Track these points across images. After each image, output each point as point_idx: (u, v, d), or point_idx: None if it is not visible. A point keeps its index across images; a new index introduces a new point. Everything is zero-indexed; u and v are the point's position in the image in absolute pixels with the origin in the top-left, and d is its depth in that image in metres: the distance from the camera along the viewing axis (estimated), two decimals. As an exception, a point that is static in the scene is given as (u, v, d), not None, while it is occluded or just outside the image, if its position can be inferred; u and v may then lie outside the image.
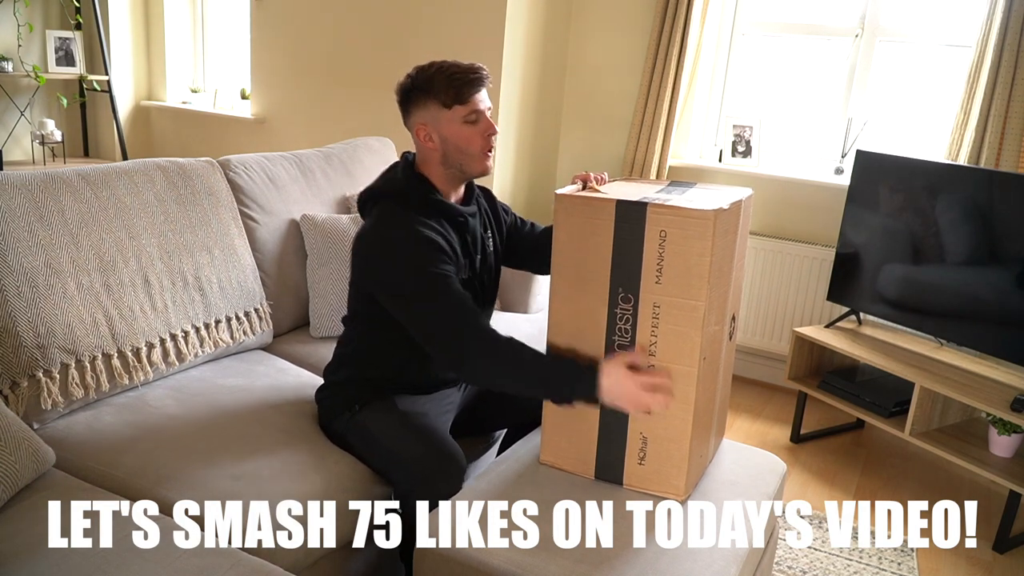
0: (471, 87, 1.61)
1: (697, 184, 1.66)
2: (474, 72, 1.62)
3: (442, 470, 1.59)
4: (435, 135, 1.64)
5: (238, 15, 4.32)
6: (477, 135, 1.64)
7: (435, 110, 1.63)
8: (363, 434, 1.70)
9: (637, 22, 3.44)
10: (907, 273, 2.71)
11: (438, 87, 1.61)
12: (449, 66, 1.62)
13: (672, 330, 1.44)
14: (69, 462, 1.57)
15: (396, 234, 1.59)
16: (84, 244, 1.76)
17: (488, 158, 1.67)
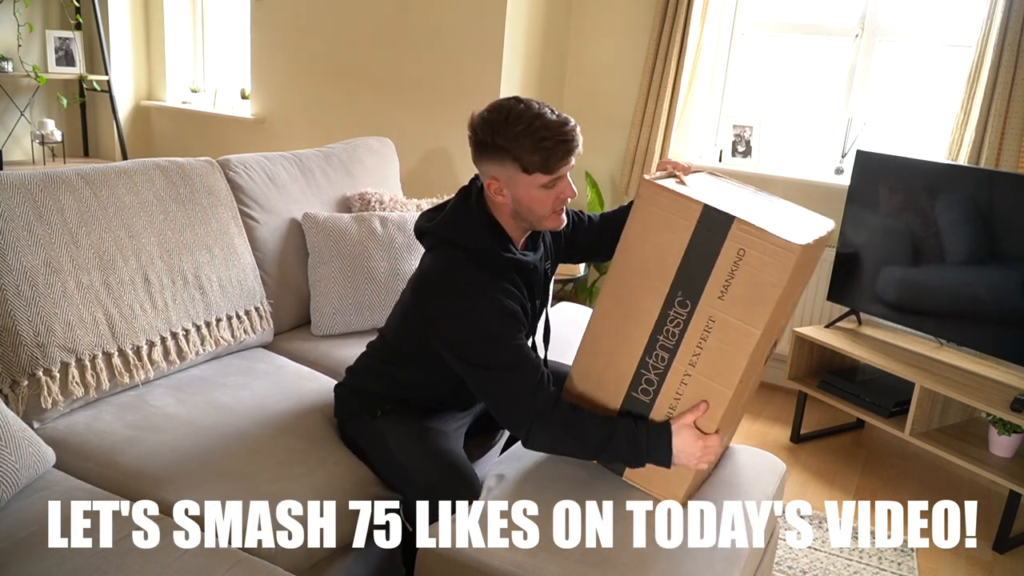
0: (562, 159, 1.47)
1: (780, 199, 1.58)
2: (566, 140, 1.45)
3: (455, 496, 1.55)
4: (507, 192, 1.51)
5: (238, 15, 4.32)
6: (551, 198, 1.51)
7: (513, 171, 1.48)
8: (379, 443, 1.67)
9: (637, 22, 3.44)
10: (907, 273, 2.71)
11: (522, 150, 1.45)
12: (538, 126, 1.43)
13: (720, 348, 1.40)
14: (69, 462, 1.57)
15: (474, 303, 1.49)
16: (84, 243, 1.76)
17: (559, 217, 1.56)
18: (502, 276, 1.54)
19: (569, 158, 1.48)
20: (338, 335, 2.30)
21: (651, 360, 1.46)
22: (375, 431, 1.68)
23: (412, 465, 1.61)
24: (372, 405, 1.71)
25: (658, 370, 1.46)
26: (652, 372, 1.47)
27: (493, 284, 1.51)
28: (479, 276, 1.52)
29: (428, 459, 1.61)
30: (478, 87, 3.26)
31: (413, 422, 1.68)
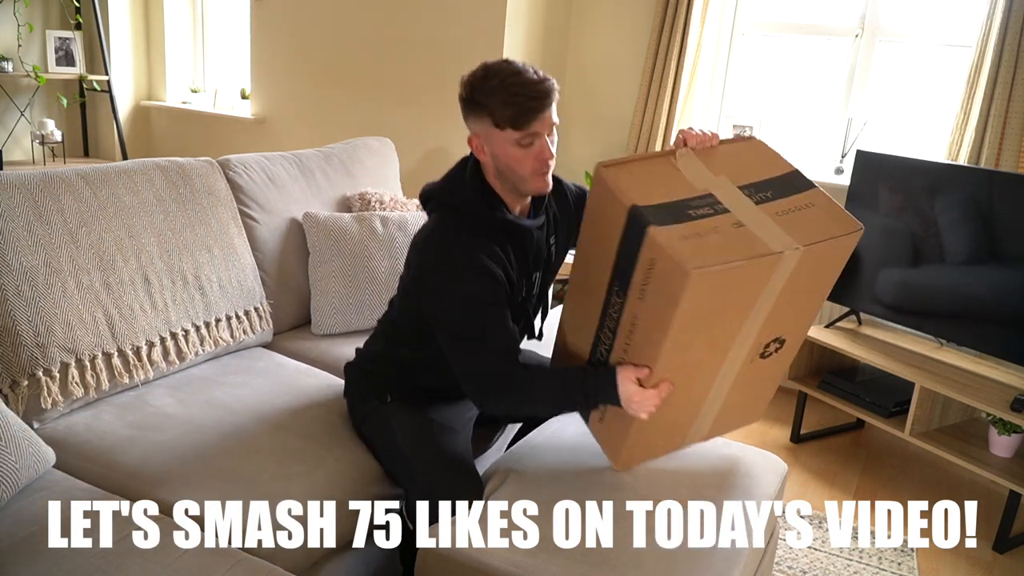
0: (530, 113, 1.46)
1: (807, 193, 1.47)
2: (537, 95, 1.46)
3: (456, 497, 1.55)
4: (487, 149, 1.54)
5: (238, 15, 4.32)
6: (529, 158, 1.51)
7: (488, 127, 1.51)
8: (387, 432, 1.68)
9: (637, 22, 3.44)
10: (907, 273, 2.71)
11: (494, 105, 1.47)
12: (512, 83, 1.46)
13: (643, 347, 1.43)
14: (69, 462, 1.57)
15: (452, 259, 1.51)
16: (84, 243, 1.76)
17: (542, 179, 1.54)
18: (488, 236, 1.54)
19: (538, 116, 1.48)
20: (338, 334, 2.30)
21: (602, 339, 1.52)
22: (383, 418, 1.69)
23: (416, 462, 1.61)
24: (381, 389, 1.72)
25: (606, 347, 1.51)
26: (603, 348, 1.53)
27: (474, 243, 1.52)
28: (462, 235, 1.53)
29: (433, 457, 1.61)
30: (478, 87, 3.26)
31: (421, 414, 1.68)
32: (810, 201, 1.45)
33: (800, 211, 1.43)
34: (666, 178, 1.45)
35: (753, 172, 1.46)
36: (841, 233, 1.44)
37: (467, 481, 1.59)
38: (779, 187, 1.45)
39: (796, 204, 1.44)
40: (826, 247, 1.42)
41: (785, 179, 1.47)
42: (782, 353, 1.58)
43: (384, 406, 1.70)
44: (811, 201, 1.45)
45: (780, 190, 1.45)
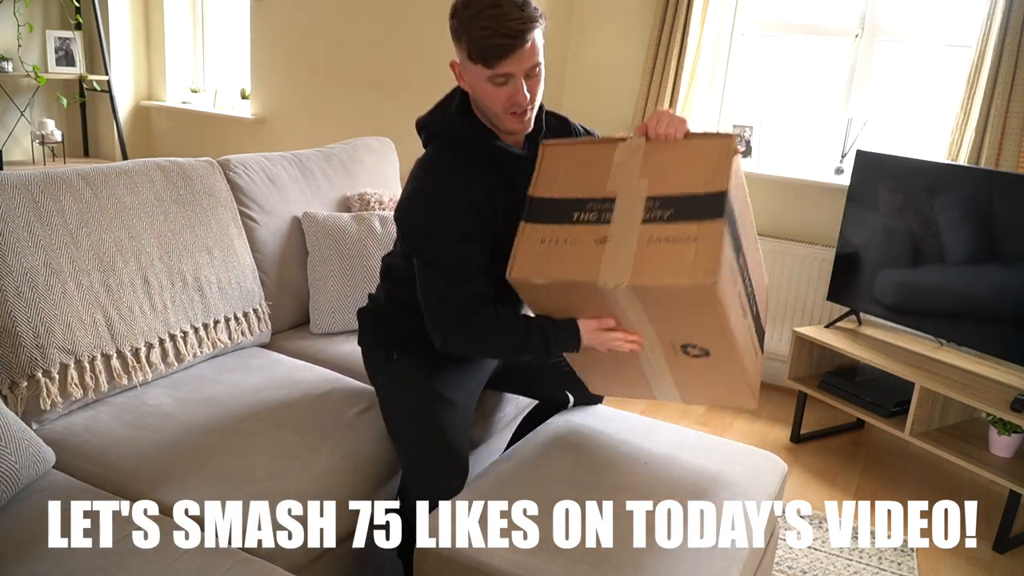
0: (500, 51, 1.38)
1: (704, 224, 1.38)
2: (509, 34, 1.37)
3: (445, 470, 1.59)
4: (465, 79, 1.49)
5: (238, 15, 4.32)
6: (502, 97, 1.45)
7: (463, 56, 1.45)
8: (391, 397, 1.70)
9: (637, 22, 3.44)
10: (907, 273, 2.71)
11: (468, 36, 1.40)
12: (487, 14, 1.37)
13: None
14: (69, 462, 1.57)
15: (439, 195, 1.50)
16: (83, 244, 1.76)
17: (517, 119, 1.48)
18: (478, 167, 1.52)
19: (510, 55, 1.39)
20: (337, 333, 2.31)
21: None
22: (390, 379, 1.70)
23: (409, 435, 1.64)
24: (388, 341, 1.72)
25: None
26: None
27: (463, 174, 1.51)
28: (447, 164, 1.53)
29: (424, 434, 1.62)
30: (478, 87, 3.26)
31: (425, 382, 1.67)
32: (697, 235, 1.37)
33: (675, 243, 1.38)
34: (589, 169, 1.47)
35: (676, 182, 1.42)
36: (684, 283, 1.35)
37: (450, 463, 1.60)
38: (684, 208, 1.40)
39: (681, 234, 1.38)
40: (661, 292, 1.38)
41: (699, 200, 1.39)
42: (718, 359, 1.53)
43: (392, 363, 1.70)
44: (698, 235, 1.37)
45: (682, 211, 1.40)
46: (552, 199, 1.46)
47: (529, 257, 1.44)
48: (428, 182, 1.53)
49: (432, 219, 1.51)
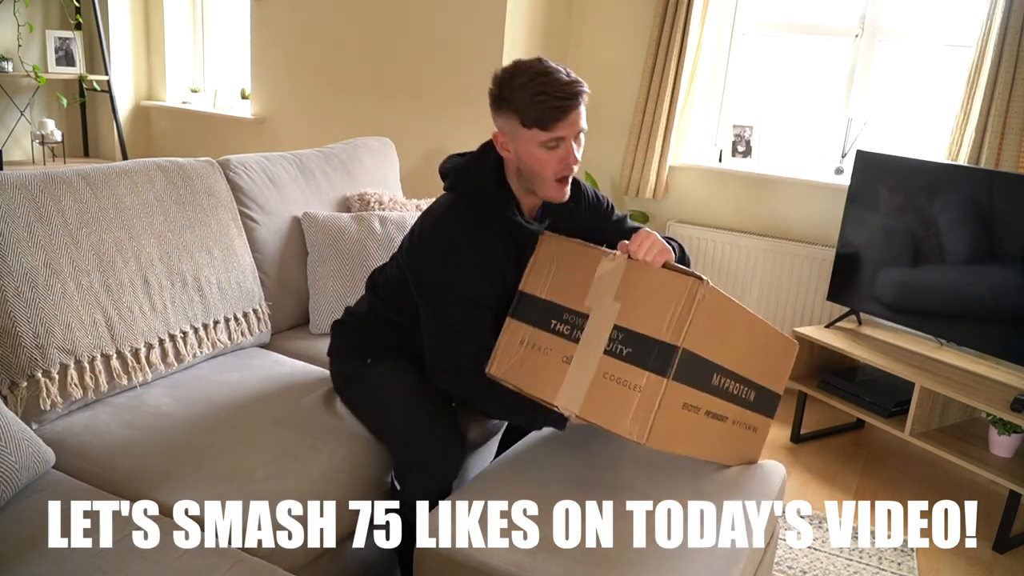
0: (556, 113, 1.44)
1: (650, 377, 1.40)
2: (565, 97, 1.44)
3: (439, 453, 1.61)
4: (511, 147, 1.53)
5: (238, 15, 4.31)
6: (553, 162, 1.49)
7: (514, 124, 1.49)
8: (372, 391, 1.70)
9: (637, 22, 3.44)
10: (907, 273, 2.71)
11: (521, 103, 1.45)
12: (540, 81, 1.43)
13: None
14: (69, 462, 1.57)
15: (453, 255, 1.54)
16: (83, 244, 1.76)
17: (562, 187, 1.54)
18: (493, 234, 1.56)
19: (565, 117, 1.45)
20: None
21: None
22: (366, 379, 1.72)
23: (400, 417, 1.65)
24: (364, 349, 1.74)
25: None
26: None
27: (479, 239, 1.54)
28: (468, 225, 1.55)
29: (416, 410, 1.64)
30: (478, 87, 3.26)
31: (407, 373, 1.69)
32: (643, 386, 1.40)
33: (624, 387, 1.42)
34: (575, 275, 1.52)
35: (643, 318, 1.42)
36: (620, 432, 1.41)
37: (450, 438, 1.62)
38: (641, 351, 1.41)
39: (631, 378, 1.41)
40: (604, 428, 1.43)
41: (655, 347, 1.40)
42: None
43: (366, 367, 1.72)
44: (643, 387, 1.40)
45: (638, 354, 1.41)
46: (537, 298, 1.54)
47: (507, 357, 1.56)
48: (452, 248, 1.55)
49: (450, 279, 1.55)
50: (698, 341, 1.41)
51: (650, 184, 3.40)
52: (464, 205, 1.58)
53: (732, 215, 3.43)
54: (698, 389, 1.47)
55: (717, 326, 1.46)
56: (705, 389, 1.49)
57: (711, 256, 3.43)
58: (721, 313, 1.46)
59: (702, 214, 3.49)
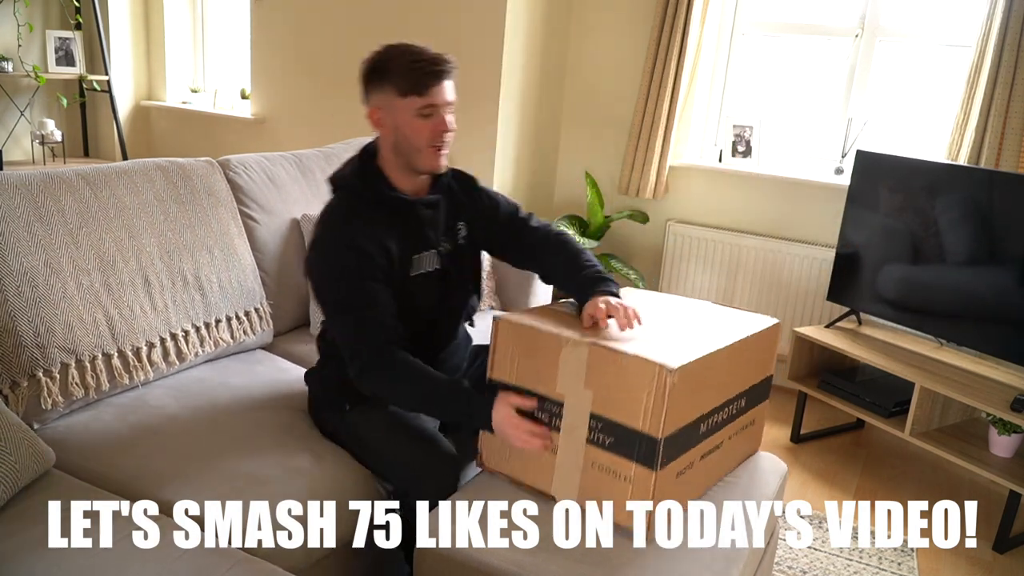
0: (430, 78, 1.53)
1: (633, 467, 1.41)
2: (436, 63, 1.54)
3: (434, 469, 1.60)
4: (388, 121, 1.59)
5: (238, 15, 4.32)
6: (428, 129, 1.56)
7: (390, 96, 1.55)
8: (354, 436, 1.70)
9: (637, 22, 3.44)
10: (907, 273, 2.71)
11: (397, 72, 1.53)
12: (412, 51, 1.54)
13: None
14: (69, 462, 1.57)
15: (327, 232, 1.59)
16: (84, 244, 1.76)
17: (438, 155, 1.60)
18: (370, 213, 1.59)
19: (440, 82, 1.55)
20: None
21: None
22: (348, 425, 1.71)
23: (386, 448, 1.65)
24: (337, 397, 1.73)
25: None
26: None
27: (349, 218, 1.58)
28: (340, 209, 1.61)
29: (399, 437, 1.64)
30: (478, 87, 3.26)
31: (381, 409, 1.69)
32: (632, 478, 1.41)
33: (614, 477, 1.43)
34: (540, 360, 1.49)
35: (617, 407, 1.41)
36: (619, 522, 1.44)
37: (441, 451, 1.62)
38: (622, 441, 1.41)
39: (618, 468, 1.42)
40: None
41: (635, 438, 1.39)
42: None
43: (345, 415, 1.71)
44: (633, 478, 1.41)
45: (620, 444, 1.41)
46: (509, 385, 1.53)
47: (495, 448, 1.58)
48: (324, 230, 1.61)
49: (329, 263, 1.57)
50: (678, 416, 1.40)
51: (650, 184, 3.40)
52: (337, 199, 1.65)
53: (732, 215, 3.43)
54: (688, 450, 1.48)
55: (696, 387, 1.44)
56: (694, 444, 1.50)
57: (711, 256, 3.43)
58: (697, 375, 1.42)
59: (702, 214, 3.49)
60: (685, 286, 3.50)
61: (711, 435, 1.55)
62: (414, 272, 1.65)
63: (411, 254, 1.64)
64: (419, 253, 1.66)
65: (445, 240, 1.71)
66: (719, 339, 1.52)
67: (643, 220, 3.48)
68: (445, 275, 1.71)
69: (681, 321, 1.63)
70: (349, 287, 1.55)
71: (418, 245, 1.66)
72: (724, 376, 1.55)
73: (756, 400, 1.73)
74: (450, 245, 1.72)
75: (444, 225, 1.71)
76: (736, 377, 1.61)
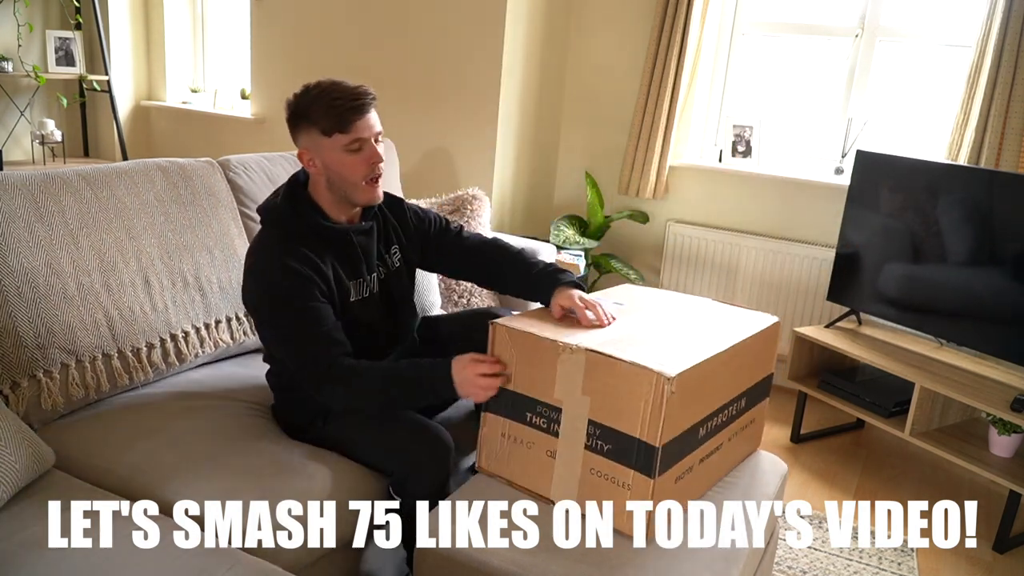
0: (352, 114, 1.53)
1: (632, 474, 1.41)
2: (356, 97, 1.54)
3: (429, 446, 1.60)
4: (318, 160, 1.58)
5: (238, 15, 4.32)
6: (360, 164, 1.57)
7: (316, 136, 1.56)
8: (339, 441, 1.69)
9: (637, 22, 3.44)
10: (907, 273, 2.71)
11: (317, 114, 1.54)
12: (330, 90, 1.55)
13: None
14: (69, 462, 1.57)
15: (260, 262, 1.58)
16: (84, 244, 1.76)
17: (374, 187, 1.60)
18: (299, 241, 1.58)
19: (361, 114, 1.54)
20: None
21: None
22: (330, 435, 1.69)
23: (376, 439, 1.64)
24: (311, 421, 1.71)
25: None
26: None
27: (282, 246, 1.57)
28: (271, 239, 1.60)
29: (386, 426, 1.63)
30: (478, 87, 3.26)
31: (362, 417, 1.68)
32: (631, 484, 1.41)
33: (613, 483, 1.43)
34: (538, 367, 1.49)
35: (615, 414, 1.41)
36: (619, 527, 1.45)
37: (432, 432, 1.61)
38: (620, 448, 1.41)
39: (617, 474, 1.42)
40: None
41: (634, 445, 1.39)
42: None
43: (325, 427, 1.70)
44: (632, 485, 1.41)
45: (619, 451, 1.41)
46: (507, 390, 1.53)
47: (493, 451, 1.58)
48: (257, 260, 1.60)
49: (269, 292, 1.56)
50: (677, 423, 1.40)
51: (650, 184, 3.40)
52: (267, 230, 1.64)
53: (732, 215, 3.43)
54: (687, 455, 1.48)
55: (695, 393, 1.43)
56: (694, 448, 1.50)
57: (711, 256, 3.43)
58: (695, 381, 1.42)
59: (702, 214, 3.49)
60: (685, 286, 3.50)
61: (710, 438, 1.55)
62: (353, 297, 1.67)
63: (348, 279, 1.66)
64: (355, 279, 1.67)
65: (380, 265, 1.74)
66: (718, 342, 1.52)
67: (643, 220, 3.49)
68: (385, 298, 1.74)
69: (680, 322, 1.63)
70: (293, 312, 1.55)
71: (353, 272, 1.67)
72: (724, 379, 1.55)
73: (756, 399, 1.73)
74: (385, 270, 1.75)
75: (377, 251, 1.73)
76: (736, 379, 1.60)
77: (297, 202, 1.63)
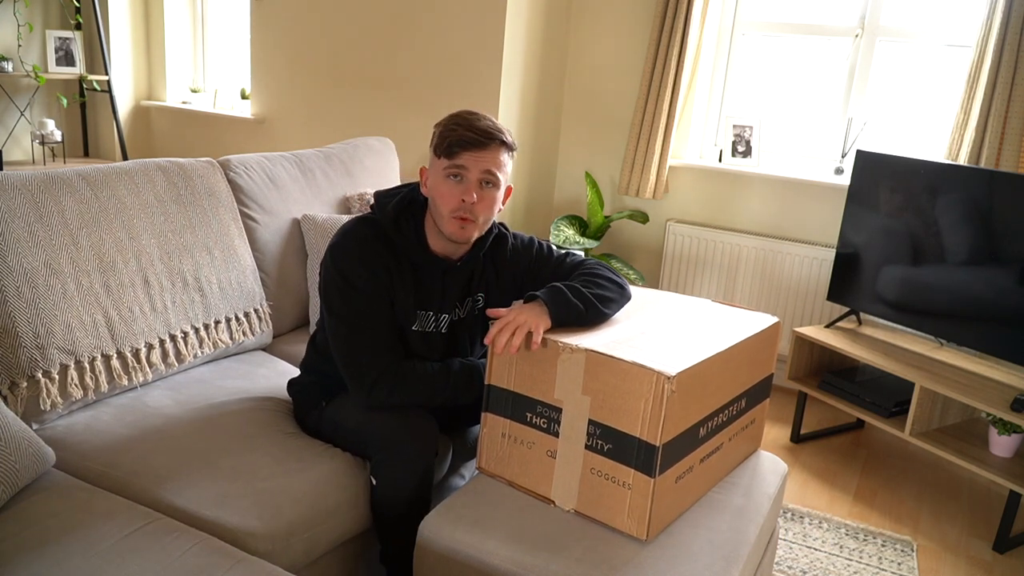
0: (462, 145, 1.50)
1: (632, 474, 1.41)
2: (475, 131, 1.51)
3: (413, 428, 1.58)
4: (428, 179, 1.59)
5: (238, 15, 4.32)
6: (452, 195, 1.52)
7: (432, 157, 1.57)
8: (332, 424, 1.71)
9: (637, 22, 3.44)
10: (907, 273, 2.71)
11: (439, 133, 1.55)
12: (459, 116, 1.54)
13: None
14: (69, 462, 1.57)
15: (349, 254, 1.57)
16: (84, 244, 1.76)
17: (459, 224, 1.54)
18: (389, 252, 1.58)
19: (470, 150, 1.50)
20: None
21: None
22: (326, 418, 1.71)
23: (361, 422, 1.63)
24: (316, 396, 1.74)
25: None
26: None
27: (375, 248, 1.57)
28: (370, 231, 1.59)
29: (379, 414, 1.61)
30: (478, 87, 3.26)
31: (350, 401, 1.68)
32: (632, 484, 1.40)
33: (613, 483, 1.43)
34: (538, 367, 1.49)
35: (615, 414, 1.41)
36: (619, 527, 1.44)
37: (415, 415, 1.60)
38: (621, 448, 1.41)
39: (617, 474, 1.42)
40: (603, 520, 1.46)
41: (635, 445, 1.39)
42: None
43: (324, 411, 1.72)
44: (632, 485, 1.40)
45: (619, 451, 1.41)
46: (507, 391, 1.54)
47: (494, 451, 1.58)
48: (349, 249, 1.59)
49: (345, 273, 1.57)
50: (677, 423, 1.40)
51: (650, 184, 3.40)
52: (372, 220, 1.62)
53: (732, 215, 3.43)
54: (688, 455, 1.47)
55: (695, 392, 1.43)
56: (694, 448, 1.49)
57: (711, 256, 3.43)
58: (695, 381, 1.42)
59: (702, 214, 3.49)
60: (685, 286, 3.50)
61: (711, 438, 1.55)
62: (415, 327, 1.64)
63: (415, 308, 1.63)
64: (423, 310, 1.64)
65: (458, 307, 1.70)
66: (718, 342, 1.52)
67: (643, 220, 3.49)
68: (451, 340, 1.70)
69: (680, 322, 1.63)
70: (362, 306, 1.55)
71: (424, 303, 1.64)
72: (724, 379, 1.55)
73: (757, 399, 1.73)
74: (463, 313, 1.71)
75: (461, 293, 1.69)
76: (736, 379, 1.60)
77: (405, 215, 1.61)
